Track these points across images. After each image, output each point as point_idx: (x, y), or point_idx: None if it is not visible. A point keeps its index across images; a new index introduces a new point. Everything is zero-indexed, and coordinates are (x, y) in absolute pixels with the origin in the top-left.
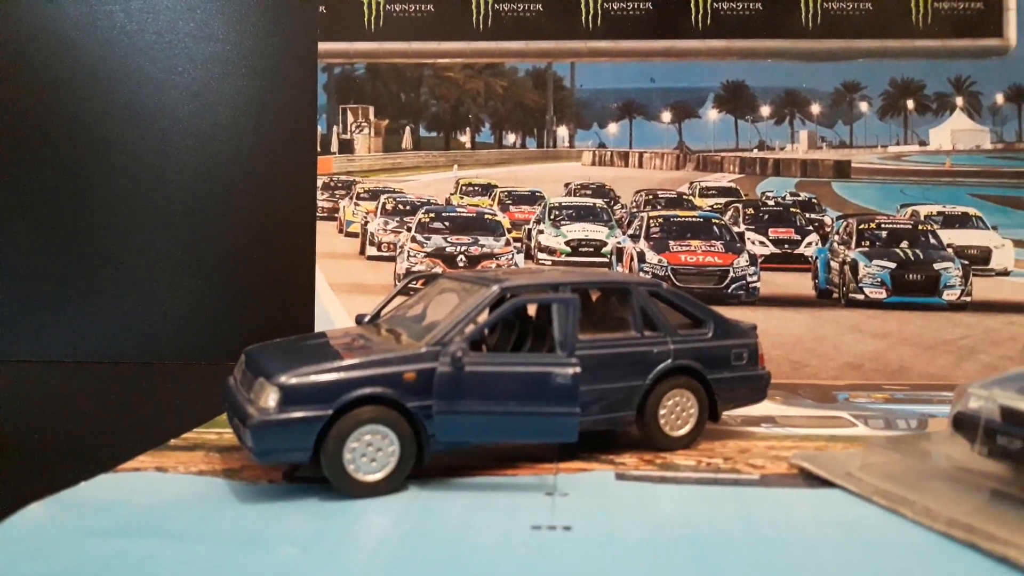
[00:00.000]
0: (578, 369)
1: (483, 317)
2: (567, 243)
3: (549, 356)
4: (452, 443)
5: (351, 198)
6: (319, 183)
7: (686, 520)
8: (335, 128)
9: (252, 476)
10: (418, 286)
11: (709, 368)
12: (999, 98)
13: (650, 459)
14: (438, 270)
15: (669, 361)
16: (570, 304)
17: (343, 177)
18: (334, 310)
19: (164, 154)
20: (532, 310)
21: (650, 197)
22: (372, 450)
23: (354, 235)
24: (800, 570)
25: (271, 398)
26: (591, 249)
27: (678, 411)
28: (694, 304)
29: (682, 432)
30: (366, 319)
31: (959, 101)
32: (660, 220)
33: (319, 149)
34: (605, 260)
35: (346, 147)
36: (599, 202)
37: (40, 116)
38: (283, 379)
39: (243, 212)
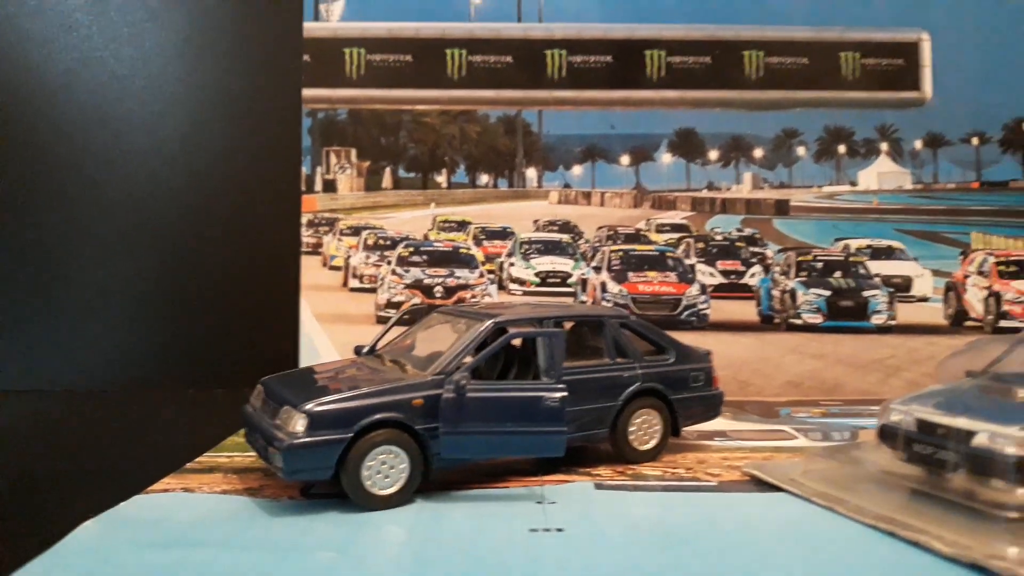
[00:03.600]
0: (565, 394)
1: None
2: (536, 274)
3: (540, 382)
4: (455, 460)
5: (334, 234)
6: (304, 220)
7: (659, 521)
8: (319, 169)
9: (272, 494)
10: (407, 318)
11: (672, 390)
12: (918, 144)
13: (622, 471)
14: (416, 300)
15: (638, 384)
16: (557, 337)
17: (327, 215)
18: (319, 339)
19: (155, 193)
20: (517, 340)
21: (611, 233)
22: (386, 468)
23: (337, 268)
24: (753, 559)
25: (299, 424)
26: (558, 280)
27: (645, 428)
28: (658, 333)
29: (649, 446)
30: (364, 350)
31: (884, 146)
32: (620, 253)
33: (304, 188)
34: (571, 290)
35: (329, 187)
36: (565, 237)
37: (31, 158)
38: (309, 407)
39: (232, 247)
